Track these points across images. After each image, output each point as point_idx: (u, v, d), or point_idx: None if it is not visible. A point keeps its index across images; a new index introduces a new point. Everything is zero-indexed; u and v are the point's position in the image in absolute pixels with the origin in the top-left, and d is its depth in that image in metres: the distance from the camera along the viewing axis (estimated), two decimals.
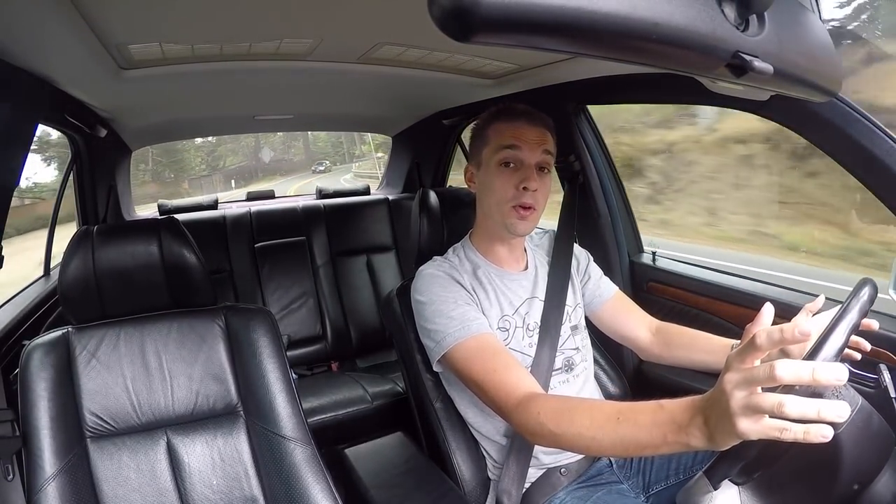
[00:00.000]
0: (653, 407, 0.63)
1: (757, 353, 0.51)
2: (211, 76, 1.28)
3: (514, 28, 0.35)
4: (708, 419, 0.55)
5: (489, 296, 0.99)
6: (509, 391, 0.80)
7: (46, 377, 0.90)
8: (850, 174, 0.92)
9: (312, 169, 19.21)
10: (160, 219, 1.03)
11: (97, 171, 1.85)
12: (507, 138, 0.95)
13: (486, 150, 0.98)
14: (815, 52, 0.62)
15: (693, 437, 0.57)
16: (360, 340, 2.17)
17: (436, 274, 0.97)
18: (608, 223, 1.52)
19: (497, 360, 0.85)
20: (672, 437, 0.59)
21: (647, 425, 0.62)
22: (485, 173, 0.98)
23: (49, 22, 0.82)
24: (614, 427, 0.66)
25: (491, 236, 1.03)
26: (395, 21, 1.00)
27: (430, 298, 0.93)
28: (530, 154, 0.94)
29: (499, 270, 1.02)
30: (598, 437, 0.67)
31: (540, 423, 0.74)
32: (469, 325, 0.89)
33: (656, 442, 0.61)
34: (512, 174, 0.94)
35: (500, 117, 0.98)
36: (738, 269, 1.41)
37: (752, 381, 0.50)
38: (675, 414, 0.59)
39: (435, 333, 0.91)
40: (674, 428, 0.59)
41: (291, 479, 0.94)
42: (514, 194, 0.94)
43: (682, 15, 0.43)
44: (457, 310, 0.91)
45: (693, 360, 1.02)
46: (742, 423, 0.50)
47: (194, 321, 1.03)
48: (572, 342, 1.04)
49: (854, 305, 0.65)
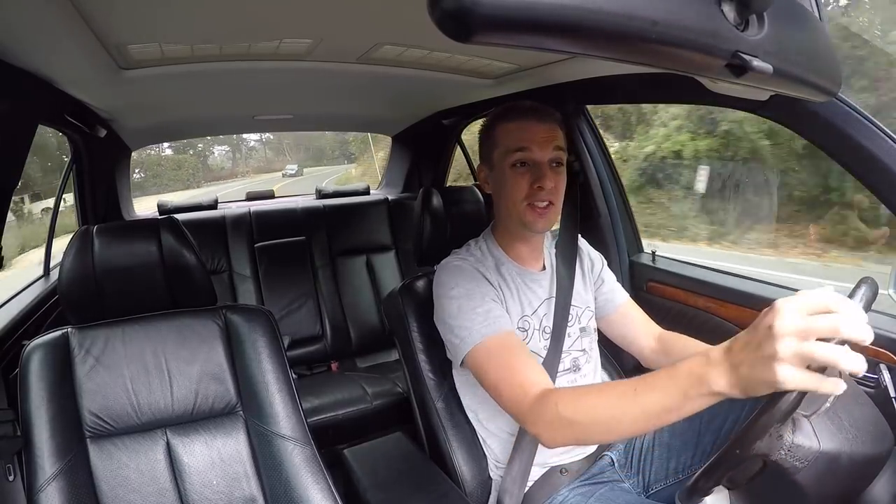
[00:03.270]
0: (666, 369, 0.63)
1: (818, 309, 0.50)
2: (210, 76, 1.28)
3: (514, 28, 0.35)
4: (738, 365, 0.54)
5: (513, 294, 0.99)
6: (526, 391, 0.80)
7: (46, 377, 0.90)
8: (849, 174, 0.92)
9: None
10: (160, 219, 1.03)
11: (97, 171, 1.85)
12: (516, 140, 0.94)
13: (497, 152, 0.97)
14: (814, 52, 0.62)
15: (716, 384, 0.56)
16: (359, 340, 2.16)
17: (462, 266, 0.96)
18: (608, 223, 1.52)
19: (518, 359, 0.85)
20: (694, 390, 0.58)
21: (666, 387, 0.61)
22: (498, 175, 0.98)
23: (49, 22, 0.82)
24: (633, 400, 0.65)
25: (512, 234, 1.02)
26: (395, 21, 1.00)
27: (455, 292, 0.92)
28: (541, 153, 0.94)
29: (520, 269, 1.02)
30: (618, 415, 0.67)
31: (558, 413, 0.73)
32: (495, 321, 0.88)
33: (678, 401, 0.60)
34: (525, 174, 0.94)
35: (508, 116, 0.97)
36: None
37: (811, 331, 0.49)
38: (693, 367, 0.59)
39: (460, 329, 0.90)
40: (693, 381, 0.58)
41: (291, 479, 0.94)
42: (529, 193, 0.94)
43: (682, 14, 0.43)
44: (483, 305, 0.90)
45: None
46: (785, 370, 0.50)
47: (194, 321, 1.03)
48: (580, 344, 1.04)
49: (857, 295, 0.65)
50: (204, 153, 21.64)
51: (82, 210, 1.87)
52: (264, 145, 21.57)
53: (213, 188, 15.92)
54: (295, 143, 21.66)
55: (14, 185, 1.01)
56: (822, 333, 0.49)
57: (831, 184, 4.66)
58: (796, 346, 0.50)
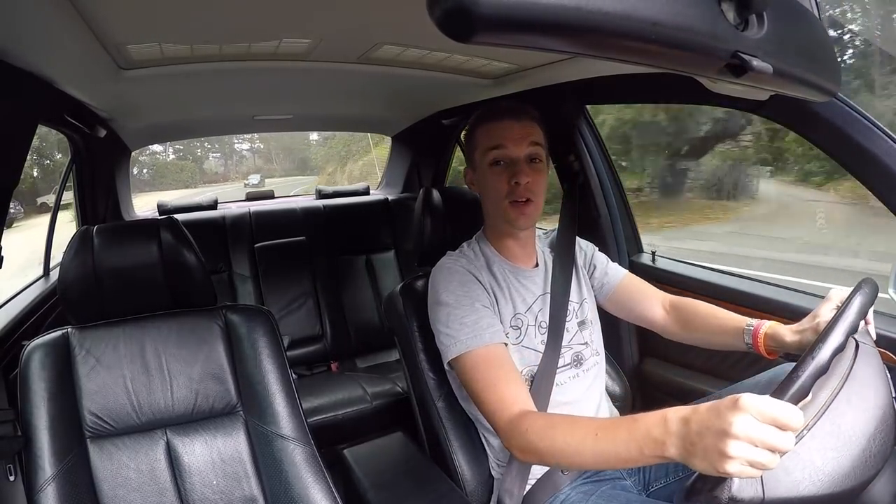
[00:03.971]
0: (628, 421, 0.65)
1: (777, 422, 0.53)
2: (210, 76, 1.28)
3: (513, 28, 0.35)
4: (692, 444, 0.57)
5: (504, 293, 1.00)
6: (504, 407, 0.83)
7: (46, 377, 0.90)
8: (849, 174, 0.92)
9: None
10: (160, 219, 1.03)
11: (97, 172, 1.85)
12: (493, 139, 0.97)
13: (477, 153, 1.00)
14: (814, 52, 0.62)
15: (669, 453, 0.59)
16: (359, 340, 2.16)
17: (453, 269, 0.98)
18: (608, 223, 1.52)
19: (499, 374, 0.87)
20: (649, 450, 0.62)
21: (624, 440, 0.65)
22: (480, 175, 1.01)
23: (49, 22, 0.82)
24: (593, 443, 0.69)
25: (500, 233, 1.04)
26: (395, 21, 1.00)
27: (445, 298, 0.94)
28: (516, 149, 0.96)
29: (512, 267, 1.03)
30: (580, 452, 0.71)
31: (528, 440, 0.77)
32: (481, 333, 0.90)
33: (634, 455, 0.64)
34: (502, 171, 0.96)
35: (486, 118, 1.00)
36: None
37: (764, 444, 0.52)
38: (651, 428, 0.62)
39: (446, 337, 0.93)
40: (649, 442, 0.61)
41: (291, 479, 0.94)
42: (508, 190, 0.96)
43: (682, 14, 0.43)
44: (471, 315, 0.92)
45: (709, 341, 1.02)
46: (732, 465, 0.53)
47: (194, 321, 1.03)
48: (580, 337, 1.05)
49: (853, 305, 0.65)
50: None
51: (82, 210, 1.87)
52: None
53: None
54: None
55: (14, 184, 1.01)
56: (772, 447, 0.52)
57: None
58: (746, 451, 0.53)
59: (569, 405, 1.00)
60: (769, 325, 0.89)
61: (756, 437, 0.52)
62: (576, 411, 1.01)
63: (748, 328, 0.91)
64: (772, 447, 0.52)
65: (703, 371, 1.31)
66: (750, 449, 0.52)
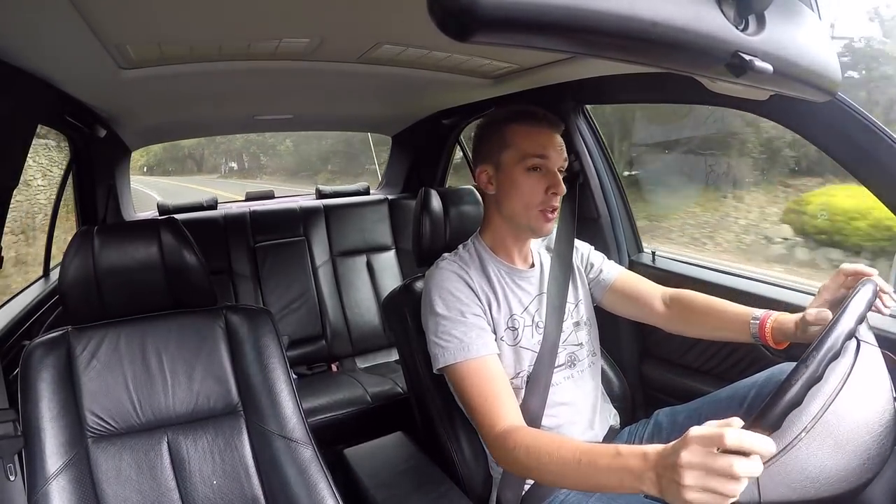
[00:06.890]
0: (611, 452, 0.67)
1: (726, 447, 0.53)
2: (210, 76, 1.28)
3: (513, 28, 0.35)
4: (660, 477, 0.59)
5: (497, 295, 0.99)
6: (494, 422, 0.85)
7: (47, 377, 0.90)
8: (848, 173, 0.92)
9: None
10: (160, 219, 1.03)
11: (97, 172, 1.85)
12: (535, 146, 0.96)
13: (508, 154, 0.97)
14: (814, 52, 0.62)
15: (646, 487, 0.61)
16: (359, 340, 2.16)
17: (447, 275, 0.97)
18: (608, 223, 1.52)
19: (489, 387, 0.88)
20: (627, 482, 0.63)
21: (605, 470, 0.66)
22: (508, 176, 0.98)
23: (48, 22, 0.82)
24: (576, 468, 0.70)
25: (506, 236, 1.03)
26: (395, 21, 1.00)
27: (436, 309, 0.94)
28: (556, 161, 0.97)
29: (509, 268, 1.03)
30: (564, 473, 0.73)
31: (514, 456, 0.79)
32: (470, 346, 0.91)
33: (613, 485, 0.66)
34: (540, 179, 0.96)
35: (520, 121, 0.98)
36: None
37: (711, 469, 0.54)
38: (630, 461, 0.63)
39: (436, 347, 0.93)
40: (628, 475, 0.63)
41: (291, 480, 0.94)
42: (544, 199, 0.96)
43: (682, 14, 0.43)
44: (460, 326, 0.92)
45: (712, 334, 1.02)
46: (691, 494, 0.54)
47: (195, 321, 1.03)
48: (575, 338, 1.05)
49: (852, 306, 0.66)
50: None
51: (82, 210, 1.87)
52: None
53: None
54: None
55: (14, 184, 1.01)
56: (720, 472, 0.53)
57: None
58: (699, 480, 0.54)
59: (565, 406, 1.00)
60: (776, 317, 0.89)
61: (707, 465, 0.54)
62: (573, 412, 1.01)
63: (754, 320, 0.91)
64: (728, 473, 0.53)
65: (703, 371, 1.31)
66: (702, 477, 0.54)
